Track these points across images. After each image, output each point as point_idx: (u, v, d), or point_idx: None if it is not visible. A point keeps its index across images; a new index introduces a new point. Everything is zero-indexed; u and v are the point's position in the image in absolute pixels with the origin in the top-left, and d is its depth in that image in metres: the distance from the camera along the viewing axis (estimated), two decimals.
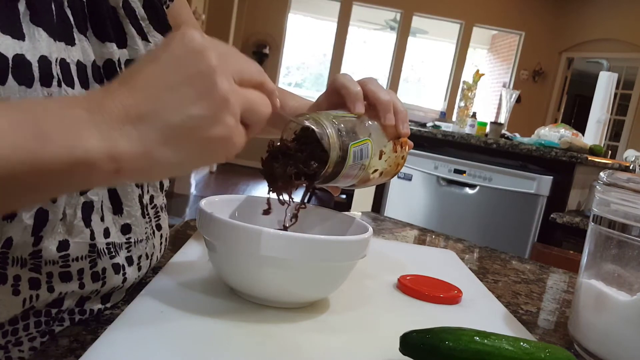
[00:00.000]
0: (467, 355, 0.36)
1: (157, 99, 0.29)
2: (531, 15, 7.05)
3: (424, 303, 0.54)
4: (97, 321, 0.41)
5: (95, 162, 0.27)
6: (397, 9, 7.08)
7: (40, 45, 0.34)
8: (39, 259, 0.37)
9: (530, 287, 0.71)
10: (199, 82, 0.30)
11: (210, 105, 0.30)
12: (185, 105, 0.30)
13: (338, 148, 0.43)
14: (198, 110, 0.30)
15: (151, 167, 0.30)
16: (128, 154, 0.28)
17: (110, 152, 0.27)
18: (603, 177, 0.49)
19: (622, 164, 2.04)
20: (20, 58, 0.32)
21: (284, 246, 0.41)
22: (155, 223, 0.49)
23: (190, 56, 0.31)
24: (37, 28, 0.34)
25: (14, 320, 0.38)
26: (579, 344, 0.50)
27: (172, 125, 0.29)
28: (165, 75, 0.30)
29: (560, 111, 7.22)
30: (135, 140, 0.28)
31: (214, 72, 0.30)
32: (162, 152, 0.29)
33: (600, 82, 2.35)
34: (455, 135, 2.22)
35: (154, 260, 0.49)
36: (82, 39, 0.39)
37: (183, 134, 0.30)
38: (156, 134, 0.29)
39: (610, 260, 0.49)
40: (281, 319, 0.44)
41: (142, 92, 0.29)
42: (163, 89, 0.30)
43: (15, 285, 0.36)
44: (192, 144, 0.30)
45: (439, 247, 0.88)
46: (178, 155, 0.30)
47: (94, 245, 0.40)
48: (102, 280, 0.41)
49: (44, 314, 0.39)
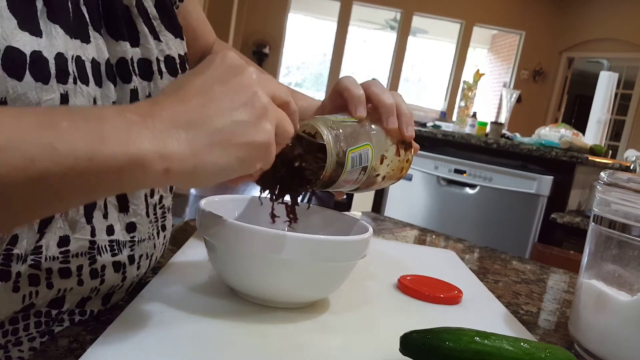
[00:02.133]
0: (468, 355, 0.36)
1: (204, 107, 0.32)
2: (531, 15, 7.04)
3: (424, 303, 0.54)
4: (97, 321, 0.41)
5: (147, 161, 0.28)
6: (397, 9, 7.08)
7: (57, 42, 0.34)
8: (39, 255, 0.37)
9: (531, 287, 0.71)
10: (242, 93, 0.33)
11: (253, 113, 0.33)
12: (230, 112, 0.32)
13: (335, 154, 0.43)
14: (242, 116, 0.32)
15: (198, 169, 0.31)
16: (178, 155, 0.30)
17: (161, 153, 0.29)
18: (603, 177, 0.49)
19: (623, 164, 2.04)
20: (37, 55, 0.32)
21: (284, 246, 0.41)
22: (160, 224, 0.49)
23: (233, 71, 0.34)
24: (54, 25, 0.34)
25: (15, 319, 0.38)
26: (579, 344, 0.50)
27: (218, 129, 0.31)
28: (211, 87, 0.33)
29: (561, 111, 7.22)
30: (184, 142, 0.30)
31: (255, 84, 0.34)
32: (209, 154, 0.31)
33: (600, 82, 2.35)
34: (455, 135, 2.22)
35: (153, 261, 0.49)
36: (97, 37, 0.39)
37: (228, 138, 0.32)
38: (203, 138, 0.31)
39: (610, 261, 0.49)
40: (281, 319, 0.44)
41: (189, 100, 0.32)
42: (209, 98, 0.32)
43: (15, 282, 0.36)
44: (236, 148, 0.32)
45: (439, 247, 0.88)
46: (223, 159, 0.32)
47: (94, 242, 0.40)
48: (101, 278, 0.41)
49: (44, 314, 0.39)
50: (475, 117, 2.50)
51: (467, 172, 2.09)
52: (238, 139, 0.32)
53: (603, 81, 2.33)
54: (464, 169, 2.10)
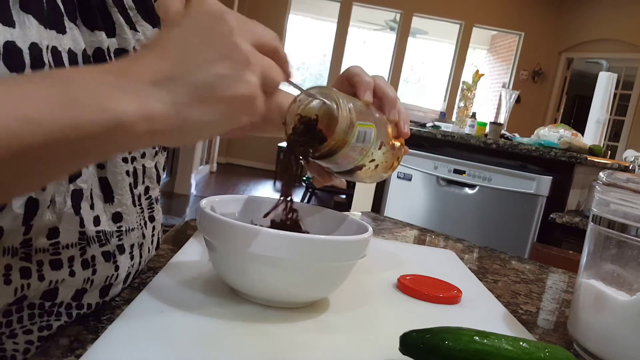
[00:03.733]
0: (467, 355, 0.36)
1: (183, 61, 0.31)
2: (531, 15, 7.05)
3: (423, 303, 0.55)
4: (98, 320, 0.41)
5: (128, 123, 0.28)
6: (396, 10, 7.08)
7: (30, 33, 0.34)
8: (29, 248, 0.37)
9: (530, 287, 0.71)
10: (220, 43, 0.31)
11: (234, 65, 0.31)
12: (209, 65, 0.31)
13: (346, 120, 0.42)
14: (222, 69, 0.31)
15: (183, 127, 0.30)
16: (161, 114, 0.29)
17: (143, 113, 0.28)
18: (602, 177, 0.50)
19: (622, 164, 2.05)
20: (11, 45, 0.32)
21: (283, 246, 0.41)
22: (148, 214, 0.49)
23: (210, 19, 0.32)
24: (27, 15, 0.34)
25: (8, 312, 0.38)
26: (578, 344, 0.50)
27: (199, 84, 0.30)
28: (189, 39, 0.31)
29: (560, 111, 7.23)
30: (167, 100, 0.29)
31: (234, 33, 0.32)
32: (192, 111, 0.30)
33: (599, 83, 2.35)
34: (454, 135, 2.23)
35: (146, 252, 0.49)
36: (72, 28, 0.39)
37: (210, 92, 0.31)
38: (185, 94, 0.30)
39: (609, 260, 0.49)
40: (281, 318, 0.44)
41: (167, 55, 0.31)
42: (188, 51, 0.31)
43: (6, 274, 0.36)
44: (219, 102, 0.31)
45: (439, 247, 0.88)
46: (207, 115, 0.31)
47: (83, 232, 0.40)
48: (93, 268, 0.42)
49: (37, 306, 0.39)
50: (474, 118, 2.50)
51: (466, 172, 2.09)
52: (220, 93, 0.31)
53: (602, 82, 2.34)
54: (463, 169, 2.10)
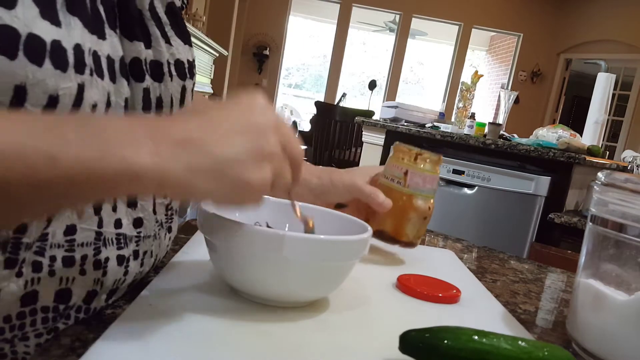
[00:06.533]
0: (466, 354, 0.36)
1: (213, 131, 0.32)
2: (529, 16, 7.06)
3: (423, 302, 0.55)
4: (99, 320, 0.41)
5: (144, 176, 0.30)
6: (396, 11, 7.09)
7: (75, 34, 0.35)
8: (45, 242, 0.37)
9: (529, 286, 0.71)
10: (255, 131, 0.34)
11: (258, 154, 0.33)
12: (236, 145, 0.33)
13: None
14: (247, 154, 0.33)
15: (189, 191, 0.32)
16: (173, 174, 0.31)
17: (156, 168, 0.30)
18: (601, 178, 0.50)
19: (620, 165, 2.05)
20: (57, 43, 0.33)
21: (284, 246, 0.41)
22: (167, 225, 0.50)
23: (254, 109, 0.35)
24: (72, 17, 0.35)
25: (22, 314, 0.38)
26: (577, 343, 0.50)
27: (219, 157, 0.32)
28: (226, 117, 0.34)
29: (558, 112, 7.24)
30: (183, 162, 0.31)
31: (270, 128, 0.34)
32: (202, 180, 0.32)
33: (598, 83, 2.36)
34: (454, 135, 2.23)
35: (157, 261, 0.50)
36: (112, 35, 0.40)
37: (225, 169, 0.32)
38: (202, 161, 0.31)
39: (608, 260, 0.49)
40: (281, 318, 0.44)
41: (200, 122, 0.33)
42: (223, 125, 0.33)
43: (19, 267, 0.37)
44: (231, 180, 0.33)
45: (438, 247, 0.88)
46: (215, 188, 0.32)
47: (100, 233, 0.41)
48: (104, 269, 0.42)
49: (52, 309, 0.40)
50: (473, 118, 2.51)
51: (465, 172, 2.09)
52: (235, 173, 0.32)
53: (600, 82, 2.34)
54: (462, 170, 2.10)
